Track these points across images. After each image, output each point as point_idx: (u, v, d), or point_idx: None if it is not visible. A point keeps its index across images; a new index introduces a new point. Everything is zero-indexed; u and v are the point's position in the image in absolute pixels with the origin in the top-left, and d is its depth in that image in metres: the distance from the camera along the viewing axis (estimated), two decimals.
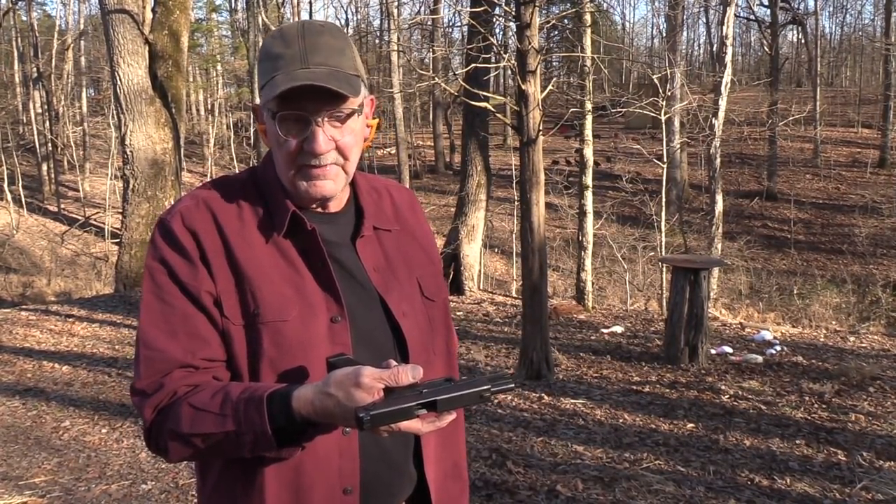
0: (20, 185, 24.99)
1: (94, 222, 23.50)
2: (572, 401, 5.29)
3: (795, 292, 14.28)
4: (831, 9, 43.08)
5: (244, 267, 1.19)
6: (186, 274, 1.18)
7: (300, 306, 1.19)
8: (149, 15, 9.20)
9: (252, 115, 1.45)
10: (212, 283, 1.18)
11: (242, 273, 1.19)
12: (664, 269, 10.29)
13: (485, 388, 1.05)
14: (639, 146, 14.60)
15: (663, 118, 10.65)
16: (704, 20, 36.43)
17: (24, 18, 29.45)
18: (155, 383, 1.17)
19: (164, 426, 1.15)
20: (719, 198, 12.05)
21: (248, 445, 1.10)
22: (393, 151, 28.28)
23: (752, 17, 30.13)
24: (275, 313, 1.17)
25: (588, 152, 10.47)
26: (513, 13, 5.78)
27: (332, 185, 1.22)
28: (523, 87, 5.51)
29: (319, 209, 1.26)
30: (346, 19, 36.14)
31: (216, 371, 1.19)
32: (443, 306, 1.39)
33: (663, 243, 11.48)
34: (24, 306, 9.84)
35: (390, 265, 1.31)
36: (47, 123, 27.01)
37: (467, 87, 7.57)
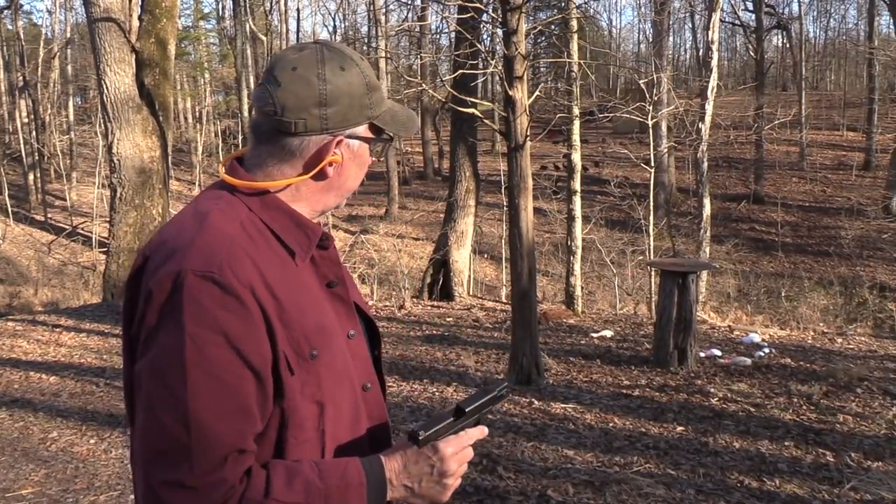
0: (6, 194, 24.82)
1: (82, 231, 23.32)
2: (562, 405, 5.29)
3: (783, 295, 14.36)
4: (815, 13, 43.50)
5: (290, 310, 1.09)
6: (245, 340, 1.03)
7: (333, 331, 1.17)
8: (135, 23, 9.17)
9: (326, 149, 1.13)
10: (270, 343, 1.06)
11: (290, 317, 1.08)
12: (653, 273, 10.33)
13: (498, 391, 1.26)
14: (626, 151, 14.63)
15: (650, 123, 10.71)
16: (690, 25, 36.74)
17: (10, 27, 29.28)
18: (214, 481, 1.00)
19: None
20: (707, 201, 12.11)
21: None
22: (381, 158, 28.24)
23: (737, 22, 30.34)
24: (325, 349, 1.12)
25: (576, 157, 10.53)
26: (499, 19, 5.80)
27: None
28: (511, 92, 5.53)
29: None
30: (334, 26, 36.18)
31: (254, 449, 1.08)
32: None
33: (652, 247, 11.53)
34: (10, 316, 9.76)
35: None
36: (34, 132, 26.81)
37: (455, 93, 7.60)
